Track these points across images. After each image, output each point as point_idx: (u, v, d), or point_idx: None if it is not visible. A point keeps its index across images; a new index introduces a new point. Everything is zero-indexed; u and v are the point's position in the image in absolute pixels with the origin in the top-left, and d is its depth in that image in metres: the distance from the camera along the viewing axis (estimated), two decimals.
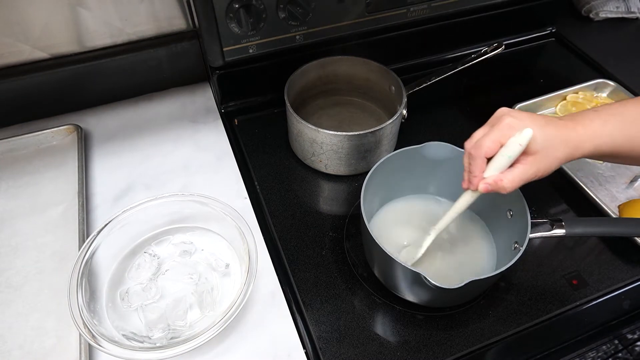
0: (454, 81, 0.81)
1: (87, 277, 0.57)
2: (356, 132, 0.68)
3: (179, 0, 0.79)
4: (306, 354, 0.57)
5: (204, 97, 0.88)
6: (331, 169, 0.75)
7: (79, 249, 0.58)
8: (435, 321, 0.59)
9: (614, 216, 0.68)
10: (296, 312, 0.60)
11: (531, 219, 0.55)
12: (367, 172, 0.60)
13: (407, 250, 0.62)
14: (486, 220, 0.66)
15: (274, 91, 0.80)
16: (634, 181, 0.73)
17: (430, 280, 0.49)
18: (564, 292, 0.62)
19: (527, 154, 0.48)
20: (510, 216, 0.59)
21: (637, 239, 0.65)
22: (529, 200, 0.56)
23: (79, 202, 0.68)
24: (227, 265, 0.63)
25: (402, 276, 0.55)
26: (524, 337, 0.59)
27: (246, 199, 0.72)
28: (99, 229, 0.59)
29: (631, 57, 0.98)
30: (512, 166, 0.49)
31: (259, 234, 0.68)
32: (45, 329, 0.58)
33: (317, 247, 0.66)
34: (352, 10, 0.76)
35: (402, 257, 0.59)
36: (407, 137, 0.77)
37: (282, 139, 0.80)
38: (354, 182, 0.75)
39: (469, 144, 0.52)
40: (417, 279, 0.51)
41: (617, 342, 0.67)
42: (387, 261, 0.53)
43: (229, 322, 0.53)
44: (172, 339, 0.56)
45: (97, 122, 0.83)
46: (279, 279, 0.63)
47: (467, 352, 0.57)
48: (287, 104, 0.71)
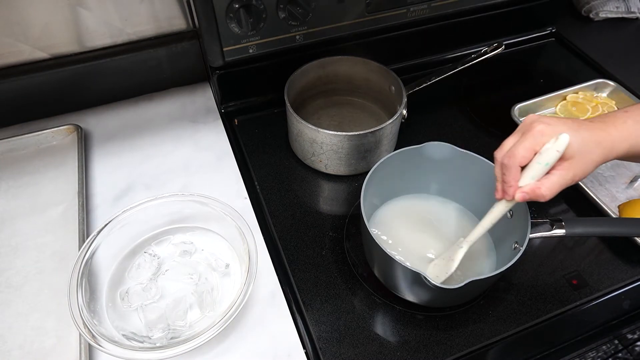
0: (454, 81, 0.81)
1: (87, 277, 0.57)
2: (356, 132, 0.68)
3: (179, 0, 0.79)
4: (306, 354, 0.57)
5: (204, 97, 0.88)
6: (331, 169, 0.75)
7: (79, 249, 0.58)
8: (435, 321, 0.59)
9: (614, 216, 0.68)
10: (296, 312, 0.60)
11: (531, 219, 0.55)
12: (367, 172, 0.60)
13: (435, 264, 0.60)
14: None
15: (274, 91, 0.80)
16: (634, 181, 0.73)
17: (430, 280, 0.49)
18: (564, 292, 0.62)
19: (563, 159, 0.47)
20: (510, 216, 0.59)
21: (637, 239, 0.65)
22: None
23: (79, 202, 0.68)
24: (227, 265, 0.63)
25: (402, 276, 0.55)
26: (524, 337, 0.59)
27: (246, 199, 0.72)
28: (99, 229, 0.59)
29: (631, 57, 0.98)
30: (547, 173, 0.48)
31: (259, 234, 0.68)
32: (45, 329, 0.58)
33: (317, 247, 0.66)
34: (352, 10, 0.76)
35: (430, 272, 0.59)
36: (407, 137, 0.77)
37: (282, 139, 0.81)
38: (354, 182, 0.75)
39: (499, 154, 0.50)
40: (417, 279, 0.51)
41: (617, 342, 0.67)
42: (387, 261, 0.53)
43: (229, 322, 0.53)
44: (172, 339, 0.56)
45: (97, 122, 0.83)
46: (279, 279, 0.63)
47: (467, 352, 0.57)
48: (287, 104, 0.71)
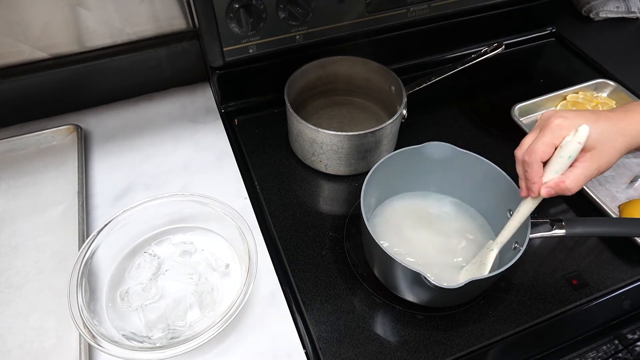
0: (454, 81, 0.81)
1: (87, 277, 0.57)
2: (356, 132, 0.68)
3: (179, 0, 0.79)
4: (306, 354, 0.57)
5: (204, 97, 0.88)
6: (331, 169, 0.75)
7: (79, 249, 0.58)
8: (435, 321, 0.59)
9: (614, 216, 0.68)
10: (296, 312, 0.60)
11: (531, 219, 0.55)
12: (367, 172, 0.60)
13: (467, 270, 0.60)
14: (486, 220, 0.66)
15: (274, 91, 0.80)
16: (634, 181, 0.73)
17: (430, 280, 0.49)
18: (564, 292, 0.62)
19: (585, 150, 0.47)
20: (510, 216, 0.59)
21: (637, 239, 0.65)
22: None
23: (79, 202, 0.68)
24: (227, 265, 0.63)
25: (402, 276, 0.55)
26: (524, 337, 0.59)
27: (246, 199, 0.72)
28: (99, 229, 0.59)
29: (631, 57, 0.98)
30: (571, 166, 0.48)
31: (259, 234, 0.68)
32: (45, 329, 0.58)
33: (317, 247, 0.66)
34: (352, 10, 0.76)
35: (462, 278, 0.59)
36: (407, 137, 0.77)
37: (282, 139, 0.81)
38: (354, 182, 0.75)
39: (520, 152, 0.50)
40: (417, 279, 0.51)
41: (617, 342, 0.66)
42: (387, 261, 0.53)
43: (229, 322, 0.53)
44: (172, 339, 0.56)
45: (97, 122, 0.83)
46: (279, 279, 0.63)
47: (467, 352, 0.57)
48: (287, 104, 0.71)
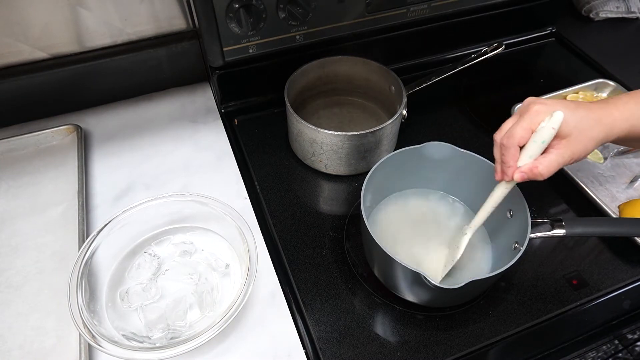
0: (454, 81, 0.81)
1: (87, 277, 0.57)
2: (356, 132, 0.68)
3: (179, 0, 0.79)
4: (306, 354, 0.57)
5: (204, 97, 0.88)
6: (331, 169, 0.75)
7: (79, 249, 0.58)
8: (435, 321, 0.59)
9: (614, 216, 0.68)
10: (296, 312, 0.60)
11: (531, 219, 0.55)
12: (367, 172, 0.60)
13: (444, 254, 0.62)
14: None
15: (274, 91, 0.80)
16: (634, 181, 0.73)
17: (430, 280, 0.49)
18: (564, 292, 0.62)
19: (560, 137, 0.48)
20: (510, 216, 0.59)
21: (637, 239, 0.65)
22: (529, 200, 0.56)
23: (79, 202, 0.68)
24: (227, 265, 0.63)
25: (402, 276, 0.55)
26: (524, 337, 0.59)
27: (246, 199, 0.72)
28: (99, 229, 0.59)
29: (631, 57, 0.98)
30: (545, 152, 0.48)
31: (259, 234, 0.68)
32: (45, 329, 0.58)
33: (317, 247, 0.66)
34: (352, 10, 0.76)
35: (439, 265, 0.60)
36: (407, 137, 0.78)
37: (282, 139, 0.80)
38: (354, 182, 0.75)
39: (498, 135, 0.51)
40: (417, 279, 0.51)
41: (617, 342, 0.66)
42: (387, 261, 0.53)
43: (229, 322, 0.53)
44: (172, 339, 0.56)
45: (97, 122, 0.83)
46: (279, 279, 0.63)
47: (467, 352, 0.57)
48: (287, 104, 0.71)
